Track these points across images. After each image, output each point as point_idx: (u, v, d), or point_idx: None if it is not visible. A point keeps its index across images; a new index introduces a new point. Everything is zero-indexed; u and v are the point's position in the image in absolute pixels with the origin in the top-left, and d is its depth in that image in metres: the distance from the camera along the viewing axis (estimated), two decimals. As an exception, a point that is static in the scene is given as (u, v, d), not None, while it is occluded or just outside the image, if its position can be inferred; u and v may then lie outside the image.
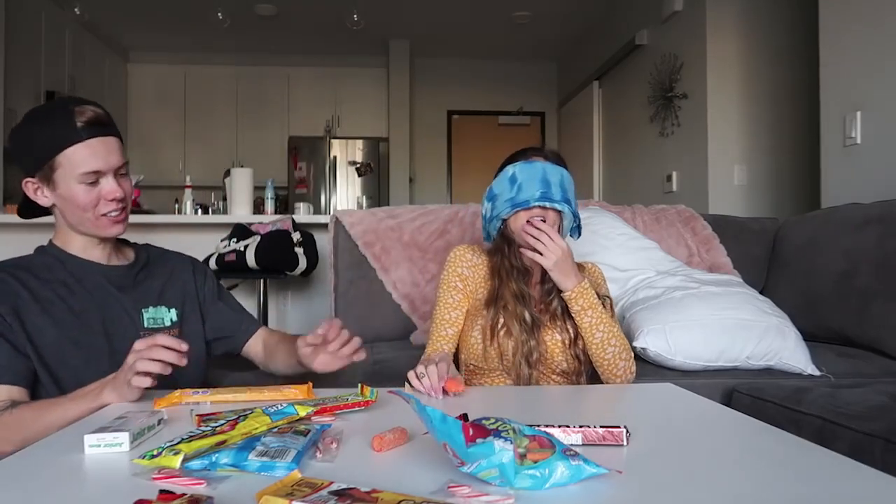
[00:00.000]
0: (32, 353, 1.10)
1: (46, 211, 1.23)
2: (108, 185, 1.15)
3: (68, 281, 1.18)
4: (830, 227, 2.06)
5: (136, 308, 1.23)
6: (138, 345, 0.99)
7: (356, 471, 0.68)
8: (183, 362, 0.99)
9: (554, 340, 1.35)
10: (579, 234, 1.44)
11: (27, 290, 1.13)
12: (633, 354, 1.36)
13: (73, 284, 1.18)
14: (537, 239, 1.30)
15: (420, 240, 2.08)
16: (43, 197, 1.17)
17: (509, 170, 1.35)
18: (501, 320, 1.34)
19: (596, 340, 1.31)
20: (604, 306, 1.35)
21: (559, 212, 1.34)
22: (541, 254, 1.30)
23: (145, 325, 1.23)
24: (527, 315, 1.34)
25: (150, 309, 1.25)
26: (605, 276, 1.50)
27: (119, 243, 1.29)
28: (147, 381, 0.98)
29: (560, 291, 1.34)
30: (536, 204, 1.31)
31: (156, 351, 0.97)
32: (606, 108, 5.48)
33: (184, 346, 1.00)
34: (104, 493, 0.64)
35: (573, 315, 1.33)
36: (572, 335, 1.35)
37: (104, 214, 1.16)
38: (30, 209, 1.26)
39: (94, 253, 1.22)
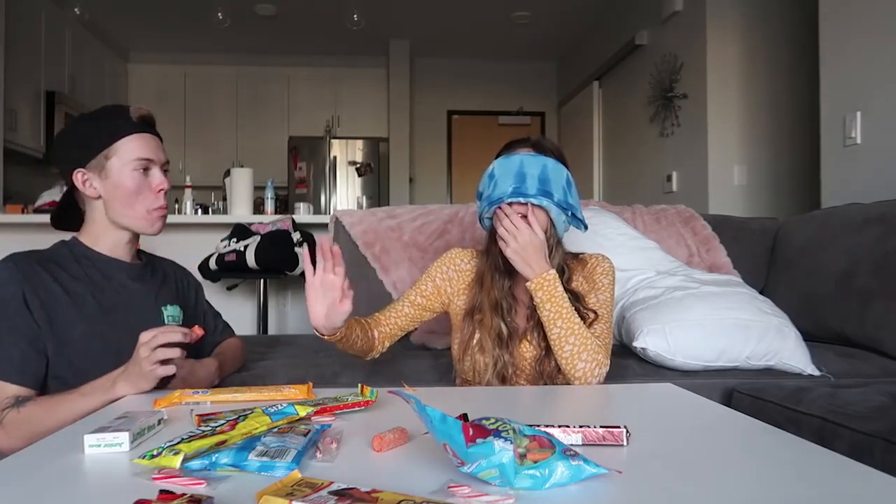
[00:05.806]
0: (54, 349, 1.11)
1: (78, 220, 1.26)
2: (158, 175, 1.25)
3: (97, 278, 1.21)
4: (830, 227, 2.05)
5: (157, 307, 1.27)
6: (144, 336, 1.02)
7: (356, 471, 0.68)
8: (188, 338, 1.04)
9: (529, 352, 1.33)
10: (585, 227, 1.38)
11: (58, 283, 1.15)
12: (602, 359, 1.27)
13: (102, 282, 1.21)
14: (501, 225, 1.27)
15: (420, 240, 2.08)
16: (91, 188, 1.21)
17: (491, 166, 1.34)
18: (476, 336, 1.32)
19: (553, 335, 1.27)
20: (581, 305, 1.32)
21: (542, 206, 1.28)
22: (503, 240, 1.27)
23: (166, 321, 1.28)
24: (502, 327, 1.31)
25: (169, 307, 1.31)
26: (613, 270, 1.42)
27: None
28: (171, 369, 1.03)
29: None
30: (509, 200, 1.27)
31: (163, 336, 1.02)
32: (606, 108, 5.48)
33: (185, 330, 1.04)
34: (104, 493, 0.64)
35: (536, 307, 1.29)
36: (543, 351, 1.31)
37: (155, 209, 1.23)
38: (62, 218, 1.30)
39: (120, 251, 1.26)
